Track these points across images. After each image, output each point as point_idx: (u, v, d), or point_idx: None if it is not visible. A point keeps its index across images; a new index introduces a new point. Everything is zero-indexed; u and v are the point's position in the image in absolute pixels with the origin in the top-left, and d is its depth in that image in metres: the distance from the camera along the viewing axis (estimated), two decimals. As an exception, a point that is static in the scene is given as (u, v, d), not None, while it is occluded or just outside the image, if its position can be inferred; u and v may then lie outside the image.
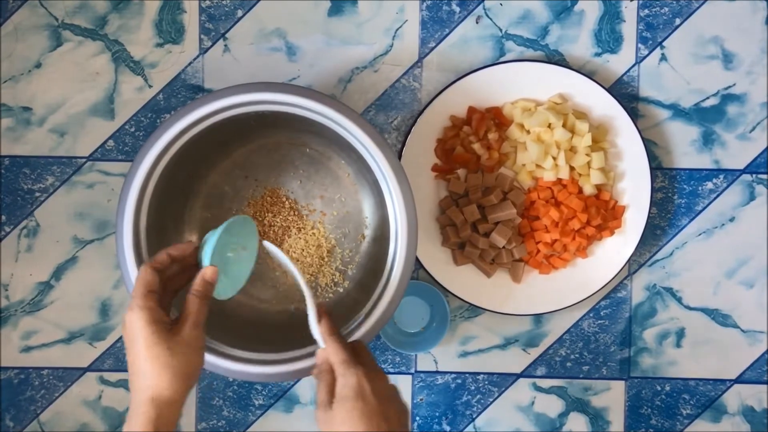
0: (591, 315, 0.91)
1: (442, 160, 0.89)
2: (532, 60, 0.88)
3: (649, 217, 0.88)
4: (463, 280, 0.89)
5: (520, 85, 0.88)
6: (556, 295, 0.89)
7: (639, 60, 0.90)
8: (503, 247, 0.88)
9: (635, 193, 0.88)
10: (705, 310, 0.91)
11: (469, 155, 0.88)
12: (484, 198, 0.88)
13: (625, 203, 0.89)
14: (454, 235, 0.88)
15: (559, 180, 0.88)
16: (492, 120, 0.88)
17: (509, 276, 0.90)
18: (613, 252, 0.89)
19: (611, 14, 0.89)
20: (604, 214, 0.88)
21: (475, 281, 0.90)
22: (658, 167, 0.90)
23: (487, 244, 0.88)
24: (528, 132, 0.88)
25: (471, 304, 0.89)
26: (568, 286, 0.89)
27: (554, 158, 0.88)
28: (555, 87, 0.88)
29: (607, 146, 0.88)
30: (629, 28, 0.89)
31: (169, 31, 0.89)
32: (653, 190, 0.88)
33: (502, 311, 0.89)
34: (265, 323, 0.86)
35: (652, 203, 0.88)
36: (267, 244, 0.74)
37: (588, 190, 0.88)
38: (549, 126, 0.87)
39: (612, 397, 0.92)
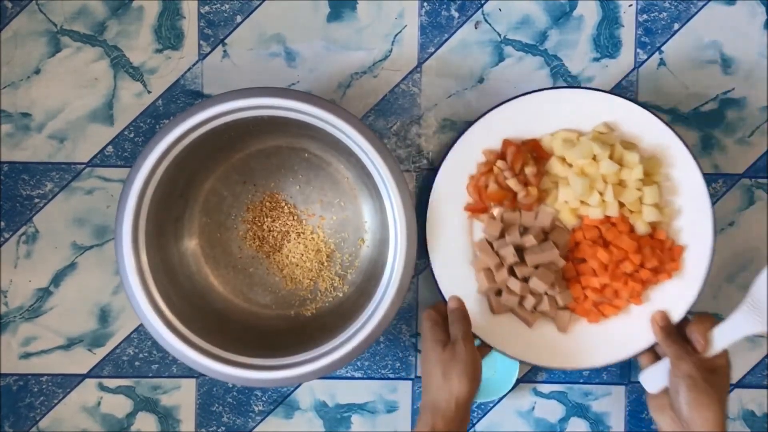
0: (591, 320, 0.91)
1: (476, 199, 0.83)
2: (572, 87, 0.82)
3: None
4: (503, 331, 0.82)
5: (560, 115, 0.82)
6: (608, 347, 0.81)
7: (638, 65, 0.90)
8: (545, 293, 0.81)
9: (694, 231, 0.81)
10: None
11: (504, 192, 0.81)
12: (522, 238, 0.81)
13: (684, 243, 0.81)
14: (490, 280, 0.81)
15: (608, 218, 0.81)
16: (529, 153, 0.82)
17: (554, 325, 0.83)
18: (672, 297, 0.81)
19: (610, 19, 0.89)
20: (660, 255, 0.80)
21: (516, 331, 0.83)
22: (657, 171, 0.90)
23: (527, 290, 0.81)
24: (570, 165, 0.81)
25: (512, 358, 0.83)
26: (622, 336, 0.81)
27: (601, 193, 0.80)
28: (599, 115, 0.81)
29: (661, 179, 0.81)
30: (628, 33, 0.89)
31: (169, 36, 0.89)
32: (716, 229, 0.81)
33: (547, 365, 0.82)
34: (265, 328, 0.86)
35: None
36: None
37: (641, 228, 0.80)
38: (594, 158, 0.80)
39: (612, 401, 0.91)
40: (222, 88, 0.88)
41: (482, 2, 0.89)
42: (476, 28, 0.89)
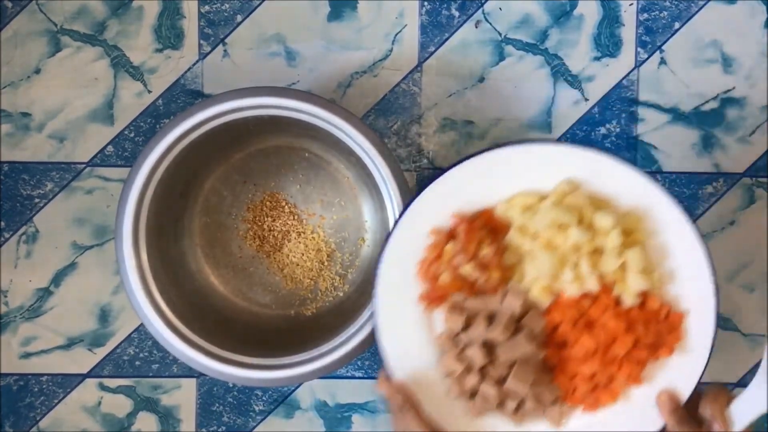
0: (592, 319, 0.91)
1: (430, 287, 0.69)
2: (523, 142, 0.68)
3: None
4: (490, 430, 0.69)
5: (517, 175, 0.67)
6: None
7: (638, 64, 0.90)
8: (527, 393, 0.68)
9: (694, 292, 0.67)
10: (706, 314, 0.91)
11: (460, 281, 0.68)
12: (489, 331, 0.66)
13: (684, 308, 0.67)
14: (460, 386, 0.68)
15: (588, 293, 0.67)
16: (484, 228, 0.68)
17: (546, 419, 0.70)
18: (678, 373, 0.68)
19: (610, 18, 0.89)
20: (655, 328, 0.66)
21: (507, 428, 0.69)
22: (658, 171, 0.90)
23: (505, 394, 0.67)
24: (534, 236, 0.67)
25: None
26: (626, 422, 0.68)
27: (575, 267, 0.66)
28: (562, 170, 0.67)
29: (645, 237, 0.67)
30: (628, 32, 0.89)
31: (169, 36, 0.89)
32: (717, 285, 0.67)
33: None
34: (265, 328, 0.86)
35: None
36: None
37: (629, 300, 0.66)
38: (561, 226, 0.66)
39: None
40: (222, 87, 0.88)
41: (482, 1, 0.89)
42: (477, 27, 0.89)
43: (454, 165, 0.68)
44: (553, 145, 0.68)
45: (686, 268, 0.67)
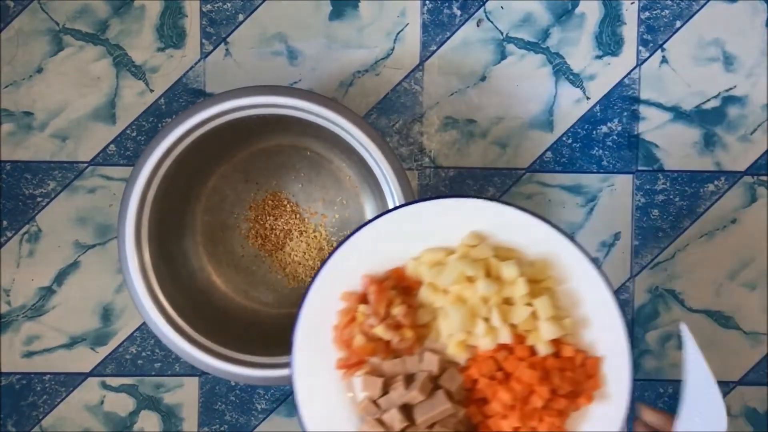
0: (593, 317, 0.91)
1: (346, 353, 0.68)
2: (429, 198, 0.67)
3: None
4: None
5: (425, 231, 0.67)
6: None
7: (640, 62, 0.90)
8: None
9: (607, 337, 0.66)
10: (707, 312, 0.91)
11: (374, 344, 0.66)
12: (407, 393, 0.64)
13: (600, 353, 0.66)
14: None
15: (504, 345, 0.66)
16: (394, 288, 0.67)
17: None
18: (600, 420, 0.66)
19: (612, 17, 0.89)
20: (572, 376, 0.65)
21: None
22: (659, 169, 0.90)
23: None
24: (445, 292, 0.66)
25: None
26: None
27: (486, 320, 0.65)
28: (469, 224, 0.67)
29: (553, 284, 0.66)
30: (630, 31, 0.90)
31: (171, 35, 0.89)
32: (628, 324, 0.68)
33: None
34: (267, 326, 0.86)
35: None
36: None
37: (543, 349, 0.65)
38: (469, 279, 0.65)
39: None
40: (224, 86, 0.89)
41: (484, 0, 0.89)
42: (478, 26, 0.89)
43: (362, 226, 0.67)
44: (459, 200, 0.67)
45: (597, 313, 0.66)
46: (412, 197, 0.76)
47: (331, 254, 0.67)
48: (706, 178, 0.91)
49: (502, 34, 0.89)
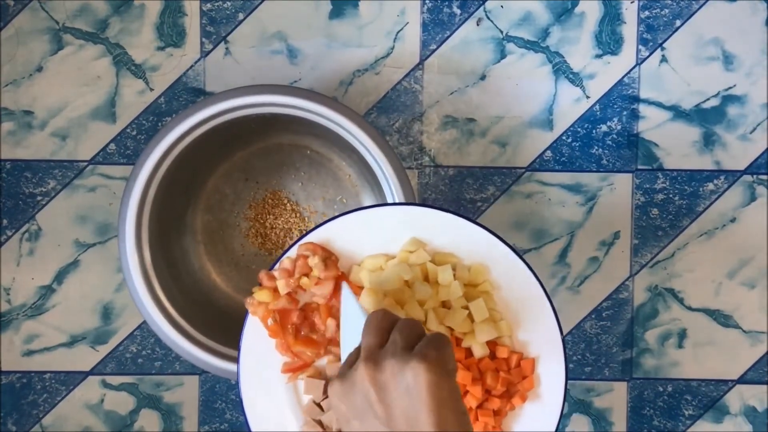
0: (593, 316, 0.91)
1: (289, 357, 0.70)
2: (373, 206, 0.68)
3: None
4: None
5: (367, 239, 0.68)
6: None
7: (640, 61, 0.90)
8: None
9: (543, 336, 0.67)
10: (707, 311, 0.91)
11: (316, 340, 0.69)
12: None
13: (534, 354, 0.68)
14: None
15: None
16: (335, 292, 0.69)
17: None
18: (534, 421, 0.68)
19: (612, 16, 0.89)
20: (506, 377, 0.67)
21: None
22: (659, 168, 0.90)
23: None
24: (384, 296, 0.68)
25: None
26: None
27: (423, 322, 0.67)
28: (409, 230, 0.68)
29: (490, 288, 0.68)
30: (630, 30, 0.90)
31: (171, 34, 0.89)
32: (560, 326, 0.67)
33: None
34: (268, 326, 0.87)
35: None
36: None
37: (478, 351, 0.67)
38: (407, 283, 0.67)
39: (614, 398, 0.92)
40: (224, 85, 0.89)
41: (484, -1, 0.89)
42: (478, 25, 0.89)
43: (306, 234, 0.68)
44: (399, 207, 0.68)
45: (533, 315, 0.68)
46: (413, 196, 0.76)
47: (282, 255, 0.69)
48: (706, 177, 0.91)
49: (501, 33, 0.89)
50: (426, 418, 0.52)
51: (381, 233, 0.68)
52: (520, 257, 0.67)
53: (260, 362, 0.69)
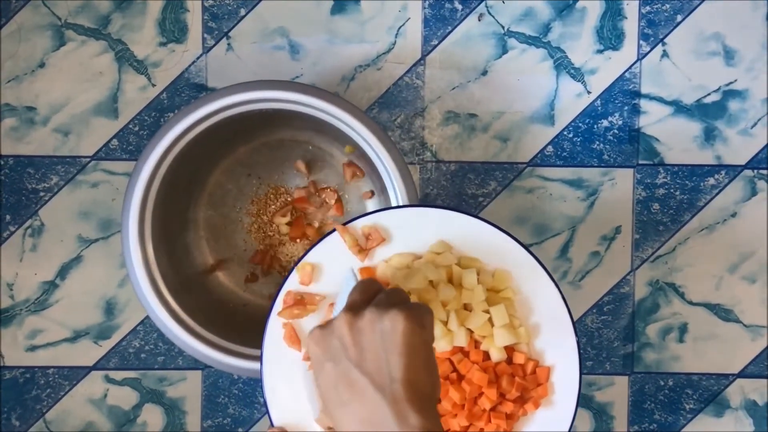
0: (594, 311, 0.91)
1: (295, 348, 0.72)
2: (402, 207, 0.71)
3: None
4: None
5: (396, 237, 0.70)
6: None
7: (641, 57, 0.90)
8: None
9: (559, 346, 0.70)
10: (707, 306, 0.92)
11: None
12: None
13: (550, 363, 0.70)
14: None
15: (460, 348, 0.69)
16: None
17: None
18: (545, 426, 0.70)
19: (613, 11, 0.89)
20: (521, 383, 0.68)
21: None
22: (660, 163, 0.91)
23: None
24: (409, 294, 0.69)
25: None
26: None
27: (445, 322, 0.68)
28: (437, 232, 0.70)
29: (512, 294, 0.70)
30: (631, 25, 0.90)
31: (173, 30, 0.89)
32: (578, 336, 0.70)
33: None
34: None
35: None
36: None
37: (495, 355, 0.69)
38: (432, 283, 0.69)
39: (616, 392, 0.92)
40: (226, 81, 0.89)
41: (485, -5, 0.89)
42: (479, 20, 0.89)
43: (347, 222, 0.70)
44: (430, 210, 0.70)
45: (552, 325, 0.70)
46: (414, 192, 0.77)
47: (309, 250, 0.70)
48: (707, 172, 0.91)
49: (503, 28, 0.90)
50: (396, 362, 0.54)
51: (410, 232, 0.70)
52: (545, 269, 0.69)
53: (282, 351, 0.71)
